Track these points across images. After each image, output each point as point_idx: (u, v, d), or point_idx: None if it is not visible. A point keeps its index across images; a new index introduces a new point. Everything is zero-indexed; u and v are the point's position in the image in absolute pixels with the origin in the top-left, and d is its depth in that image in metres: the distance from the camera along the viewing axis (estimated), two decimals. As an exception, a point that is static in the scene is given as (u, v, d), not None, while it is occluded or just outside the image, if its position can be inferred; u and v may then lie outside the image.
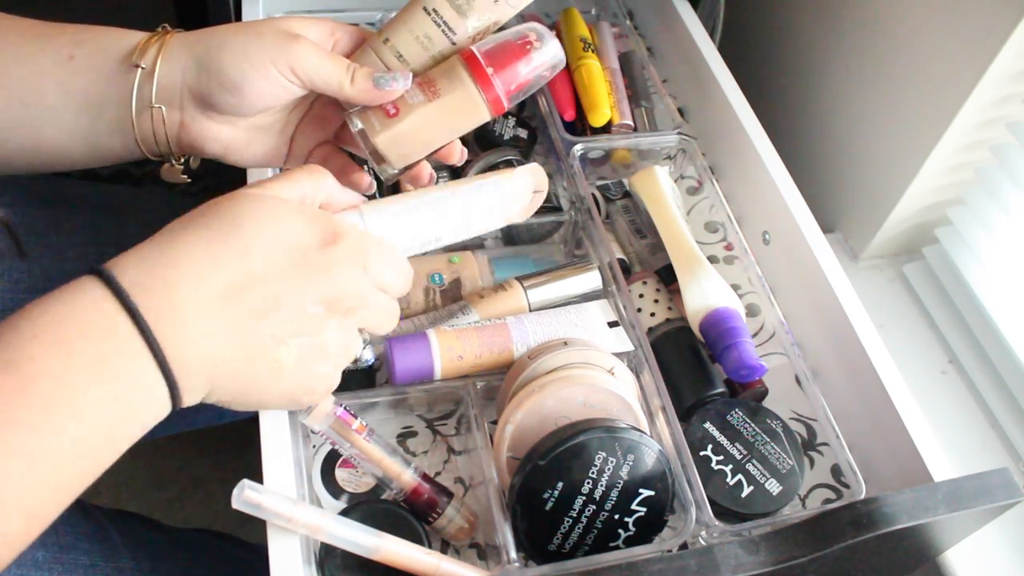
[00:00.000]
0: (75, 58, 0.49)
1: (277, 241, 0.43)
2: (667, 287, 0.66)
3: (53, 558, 0.56)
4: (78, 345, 0.38)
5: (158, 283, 0.40)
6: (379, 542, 0.47)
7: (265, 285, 0.42)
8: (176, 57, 0.50)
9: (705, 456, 0.56)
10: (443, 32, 0.52)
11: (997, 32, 0.62)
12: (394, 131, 0.51)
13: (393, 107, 0.51)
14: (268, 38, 0.49)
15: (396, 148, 0.51)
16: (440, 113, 0.51)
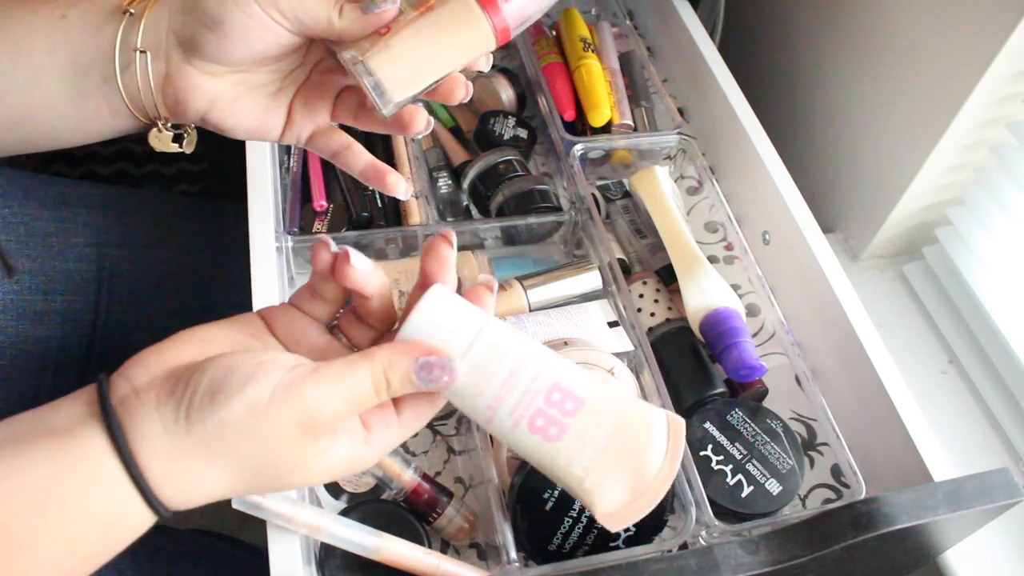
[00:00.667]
0: (67, 17, 0.48)
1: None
2: (667, 287, 0.66)
3: (53, 559, 0.56)
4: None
5: (179, 489, 0.40)
6: (379, 542, 0.47)
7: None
8: (163, 5, 0.48)
9: (705, 456, 0.56)
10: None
11: (997, 32, 0.62)
12: (388, 49, 0.46)
13: (385, 27, 0.47)
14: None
15: (391, 70, 0.47)
16: (435, 28, 0.47)
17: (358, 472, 0.45)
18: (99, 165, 1.24)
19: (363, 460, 0.41)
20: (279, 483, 0.41)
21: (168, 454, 0.38)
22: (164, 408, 0.39)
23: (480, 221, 0.70)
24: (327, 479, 0.42)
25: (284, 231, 0.63)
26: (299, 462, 0.40)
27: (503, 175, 0.70)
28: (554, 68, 0.78)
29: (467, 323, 0.40)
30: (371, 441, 0.41)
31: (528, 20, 0.49)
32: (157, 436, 0.38)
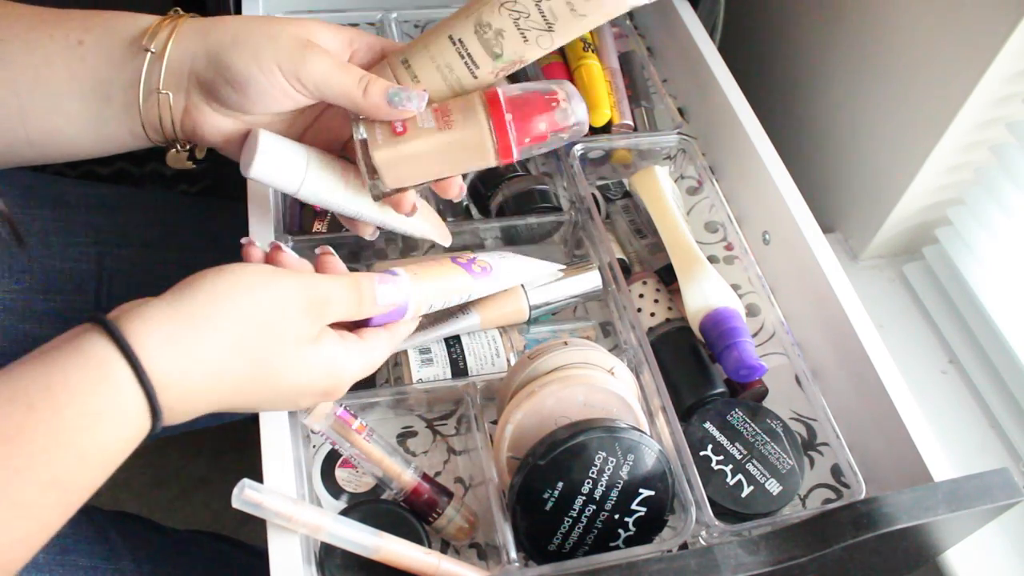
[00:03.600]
0: (84, 43, 0.49)
1: (297, 392, 0.46)
2: (667, 287, 0.66)
3: (54, 560, 0.56)
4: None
5: (175, 377, 0.41)
6: (379, 542, 0.47)
7: (266, 383, 0.45)
8: (187, 43, 0.49)
9: (705, 456, 0.56)
10: (466, 64, 0.50)
11: (997, 32, 0.62)
12: (396, 150, 0.49)
13: (402, 125, 0.49)
14: (282, 43, 0.48)
15: (394, 168, 0.50)
16: (448, 145, 0.49)
17: (343, 383, 0.49)
18: (99, 165, 1.24)
19: (346, 365, 0.48)
20: (270, 376, 0.45)
21: (161, 334, 0.41)
22: (158, 303, 0.42)
23: (480, 221, 0.70)
24: (316, 384, 0.47)
25: (284, 231, 0.63)
26: (295, 345, 0.45)
27: (503, 175, 0.70)
28: (554, 68, 0.78)
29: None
30: (352, 346, 0.48)
31: (539, 148, 0.52)
32: (151, 322, 0.41)
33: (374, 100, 0.48)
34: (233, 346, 0.43)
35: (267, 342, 0.44)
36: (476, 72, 0.50)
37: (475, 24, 0.49)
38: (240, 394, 0.44)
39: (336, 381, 0.48)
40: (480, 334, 0.61)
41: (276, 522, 0.46)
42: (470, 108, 0.49)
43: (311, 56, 0.48)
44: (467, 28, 0.49)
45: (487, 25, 0.49)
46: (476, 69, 0.50)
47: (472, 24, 0.49)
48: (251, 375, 0.44)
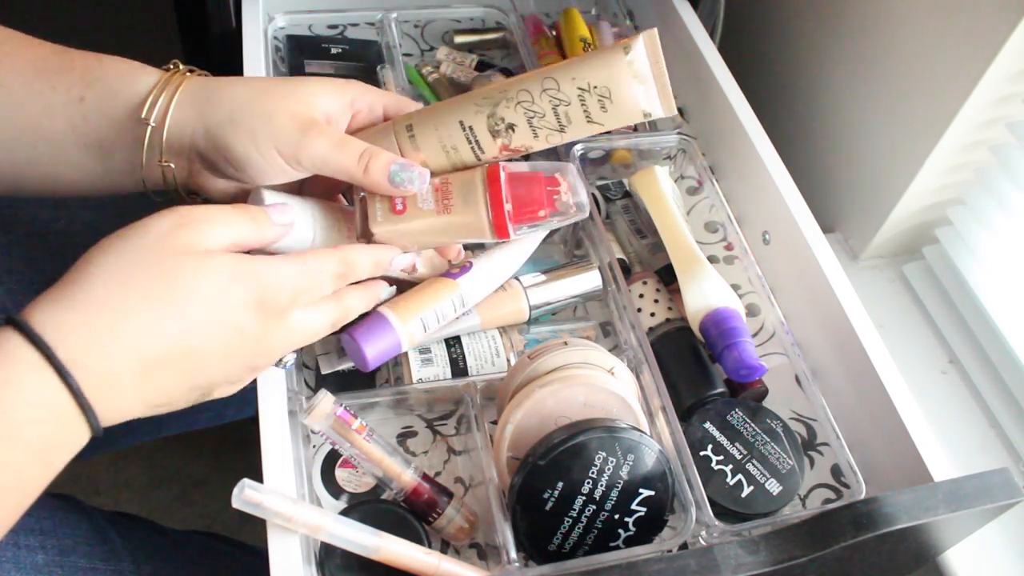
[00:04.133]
0: (85, 100, 0.49)
1: (216, 318, 0.43)
2: (667, 287, 0.66)
3: (53, 561, 0.56)
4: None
5: (92, 357, 0.40)
6: (379, 542, 0.47)
7: (195, 356, 0.43)
8: (186, 116, 0.49)
9: (705, 456, 0.56)
10: (472, 149, 0.51)
11: (997, 32, 0.62)
12: (395, 227, 0.50)
13: (402, 203, 0.50)
14: (279, 124, 0.48)
15: (392, 241, 0.51)
16: (446, 226, 0.50)
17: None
18: (99, 165, 1.24)
19: (267, 270, 0.45)
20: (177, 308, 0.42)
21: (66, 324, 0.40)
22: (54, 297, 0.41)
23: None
24: (236, 310, 0.44)
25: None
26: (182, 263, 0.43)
27: (503, 175, 0.70)
28: (554, 68, 0.78)
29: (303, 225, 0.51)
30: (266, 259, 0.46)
31: (538, 228, 0.53)
32: (61, 306, 0.40)
33: (375, 178, 0.49)
34: (127, 300, 0.42)
35: (156, 280, 0.42)
36: (481, 156, 0.51)
37: (488, 115, 0.50)
38: (168, 363, 0.42)
39: (259, 294, 0.45)
40: (480, 334, 0.61)
41: (276, 522, 0.46)
42: (470, 192, 0.50)
43: (309, 139, 0.48)
44: (480, 118, 0.50)
45: (500, 119, 0.50)
46: (481, 154, 0.51)
47: (485, 115, 0.50)
48: (161, 327, 0.42)
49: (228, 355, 0.44)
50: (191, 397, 0.45)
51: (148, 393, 0.42)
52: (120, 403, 0.42)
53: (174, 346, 0.42)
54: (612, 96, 0.48)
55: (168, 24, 1.04)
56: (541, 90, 0.49)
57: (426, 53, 0.85)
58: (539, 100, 0.49)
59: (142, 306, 0.41)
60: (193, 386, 0.44)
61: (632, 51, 0.48)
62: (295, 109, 0.48)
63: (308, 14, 0.81)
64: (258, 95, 0.49)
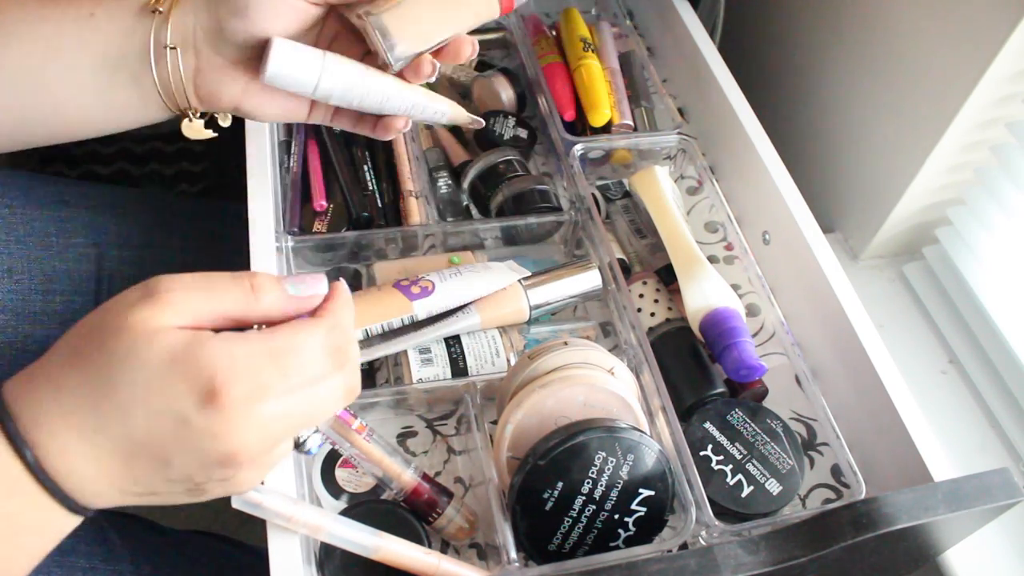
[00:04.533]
0: (95, 15, 0.49)
1: (154, 408, 0.37)
2: (667, 287, 0.66)
3: (52, 561, 0.56)
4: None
5: (53, 445, 0.37)
6: (379, 542, 0.47)
7: (151, 450, 0.38)
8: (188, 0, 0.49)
9: (705, 456, 0.56)
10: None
11: (997, 32, 0.62)
12: (398, 8, 0.49)
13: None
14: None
15: (403, 26, 0.49)
16: (455, 3, 0.50)
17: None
18: (99, 165, 1.24)
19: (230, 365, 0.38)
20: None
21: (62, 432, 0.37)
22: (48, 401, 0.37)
23: (480, 221, 0.70)
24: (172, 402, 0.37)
25: (284, 231, 0.63)
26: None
27: (503, 175, 0.70)
28: (554, 68, 0.78)
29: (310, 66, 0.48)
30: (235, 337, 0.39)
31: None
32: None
33: None
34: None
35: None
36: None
37: None
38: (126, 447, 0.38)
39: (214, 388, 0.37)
40: (480, 334, 0.61)
41: (276, 522, 0.46)
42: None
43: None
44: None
45: None
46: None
47: None
48: (102, 414, 0.37)
49: (187, 450, 0.38)
50: (178, 491, 0.40)
51: (121, 480, 0.39)
52: (90, 484, 0.38)
53: (121, 436, 0.38)
54: None
55: None
56: None
57: (426, 53, 0.85)
58: None
59: (85, 388, 0.38)
60: (170, 480, 0.39)
61: None
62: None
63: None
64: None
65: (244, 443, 0.38)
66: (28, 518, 0.38)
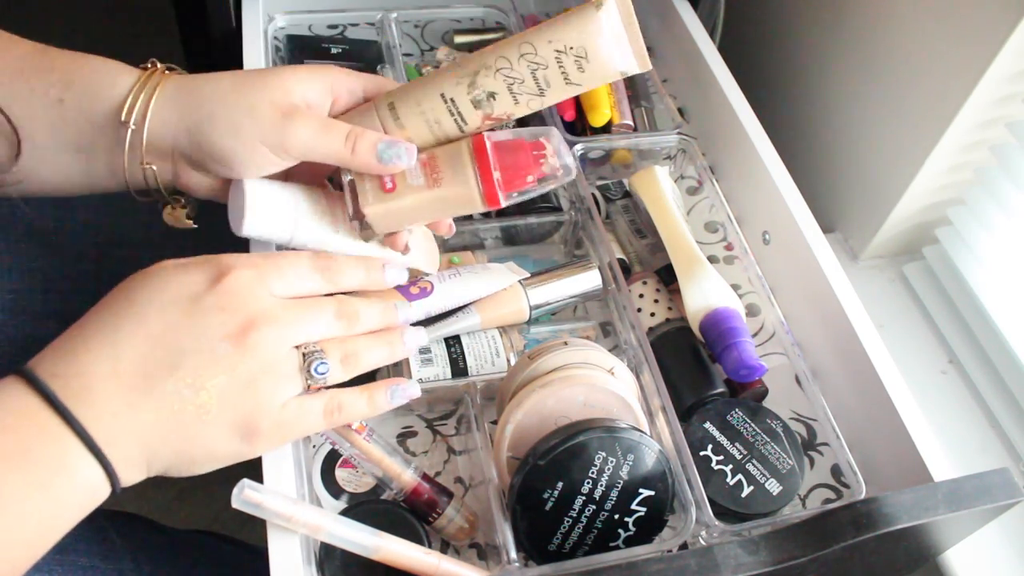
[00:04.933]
0: (64, 102, 0.49)
1: (166, 299, 0.44)
2: (667, 287, 0.66)
3: (52, 559, 0.56)
4: (1, 437, 0.39)
5: (71, 369, 0.42)
6: (379, 542, 0.47)
7: (165, 342, 0.43)
8: (166, 119, 0.49)
9: (705, 456, 0.56)
10: (455, 120, 0.50)
11: (997, 32, 0.62)
12: (387, 206, 0.50)
13: (391, 181, 0.50)
14: (260, 115, 0.48)
15: (384, 220, 0.51)
16: (437, 200, 0.50)
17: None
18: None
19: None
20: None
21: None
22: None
23: (480, 221, 0.70)
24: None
25: (284, 231, 0.63)
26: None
27: (503, 175, 0.70)
28: (554, 68, 0.78)
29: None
30: None
31: (527, 194, 0.53)
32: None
33: (363, 158, 0.49)
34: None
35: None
36: (464, 128, 0.51)
37: (468, 86, 0.49)
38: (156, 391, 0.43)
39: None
40: (480, 334, 0.61)
41: (276, 522, 0.46)
42: (458, 163, 0.50)
43: (294, 126, 0.48)
44: (460, 89, 0.49)
45: (481, 88, 0.49)
46: (464, 125, 0.51)
47: (465, 86, 0.49)
48: (118, 329, 0.43)
49: (197, 335, 0.43)
50: (191, 404, 0.43)
51: (140, 404, 0.42)
52: (114, 419, 0.42)
53: (136, 342, 0.43)
54: (588, 56, 0.49)
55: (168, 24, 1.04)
56: (519, 55, 0.49)
57: (426, 53, 0.85)
58: (517, 66, 0.49)
59: (104, 318, 0.44)
60: (182, 378, 0.43)
61: (603, 8, 0.48)
62: (275, 98, 0.48)
63: (308, 14, 0.81)
64: (237, 88, 0.48)
65: (247, 318, 0.44)
66: (82, 496, 0.41)
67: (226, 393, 0.44)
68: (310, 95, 0.50)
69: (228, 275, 0.45)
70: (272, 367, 0.45)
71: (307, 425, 0.47)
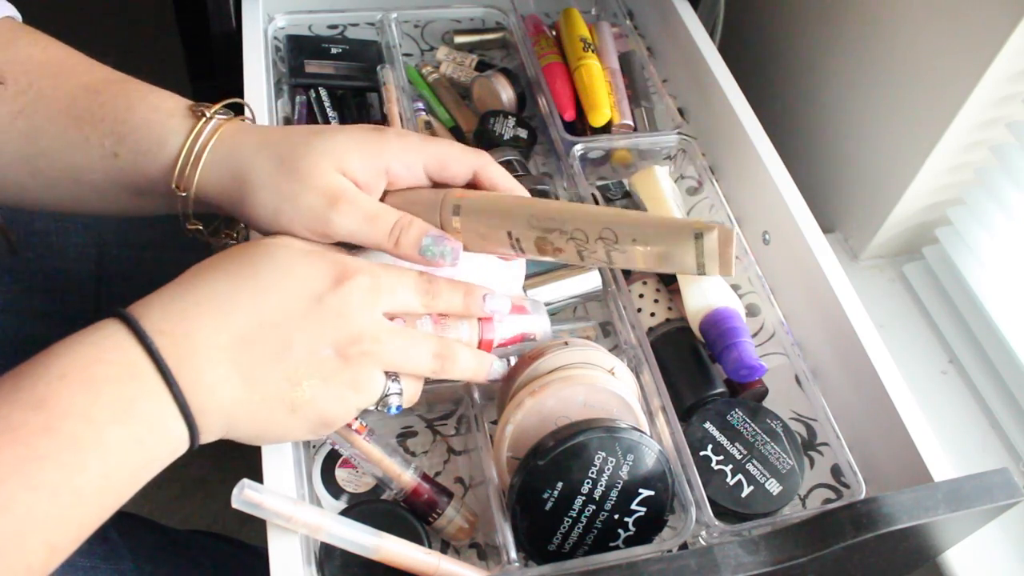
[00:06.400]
0: (119, 156, 0.50)
1: (289, 287, 0.45)
2: (667, 287, 0.66)
3: (53, 558, 0.56)
4: (104, 387, 0.40)
5: (178, 328, 0.42)
6: (379, 542, 0.47)
7: (277, 331, 0.44)
8: (212, 187, 0.49)
9: (705, 456, 0.56)
10: (512, 246, 0.50)
11: (997, 32, 0.62)
12: None
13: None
14: (303, 202, 0.47)
15: None
16: None
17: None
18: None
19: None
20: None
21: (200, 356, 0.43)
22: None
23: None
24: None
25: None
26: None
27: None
28: (554, 68, 0.78)
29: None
30: None
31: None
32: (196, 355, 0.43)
33: (405, 251, 0.49)
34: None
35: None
36: (519, 254, 0.51)
37: (538, 236, 0.49)
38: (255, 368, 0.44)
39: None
40: (480, 334, 0.61)
41: (276, 522, 0.46)
42: (468, 341, 0.52)
43: (337, 215, 0.47)
44: (529, 234, 0.49)
45: (550, 243, 0.49)
46: (521, 253, 0.51)
47: (535, 235, 0.49)
48: (236, 296, 0.44)
49: (311, 329, 0.44)
50: (285, 398, 0.45)
51: (236, 380, 0.43)
52: (209, 390, 0.43)
53: (248, 321, 0.44)
54: (670, 260, 0.47)
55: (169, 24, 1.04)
56: (597, 236, 0.47)
57: (426, 53, 0.85)
58: (592, 243, 0.48)
59: (220, 284, 0.44)
60: (283, 370, 0.44)
61: (704, 240, 0.45)
62: (321, 184, 0.47)
63: (308, 14, 0.81)
64: (281, 170, 0.47)
65: (355, 331, 0.45)
66: (165, 452, 0.42)
67: (317, 396, 0.45)
68: (361, 175, 0.49)
69: (349, 280, 0.45)
70: (360, 385, 0.46)
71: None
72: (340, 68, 0.77)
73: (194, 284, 0.45)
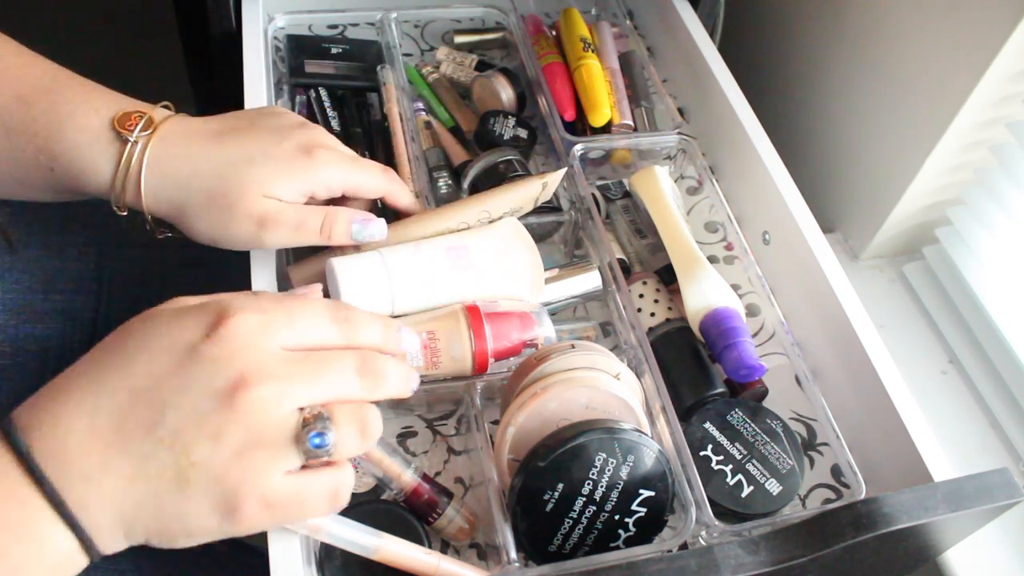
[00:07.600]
0: (54, 171, 0.51)
1: (157, 347, 0.39)
2: (667, 287, 0.66)
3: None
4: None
5: (47, 420, 0.37)
6: (379, 542, 0.47)
7: (147, 396, 0.38)
8: (155, 210, 0.52)
9: (705, 456, 0.56)
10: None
11: (997, 32, 0.62)
12: None
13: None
14: (236, 227, 0.51)
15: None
16: (434, 376, 0.55)
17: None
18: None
19: None
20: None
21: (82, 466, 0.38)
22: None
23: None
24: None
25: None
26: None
27: (503, 175, 0.70)
28: (554, 68, 0.78)
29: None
30: None
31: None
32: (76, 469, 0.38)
33: (340, 242, 0.54)
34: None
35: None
36: None
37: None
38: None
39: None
40: (480, 334, 0.61)
41: (276, 522, 0.46)
42: (457, 348, 0.54)
43: (268, 233, 0.51)
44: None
45: None
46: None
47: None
48: (103, 377, 0.39)
49: (184, 388, 0.38)
50: (171, 469, 0.38)
51: (114, 464, 0.38)
52: (87, 483, 0.37)
53: (117, 389, 0.38)
54: None
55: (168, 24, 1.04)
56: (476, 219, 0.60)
57: (426, 53, 0.85)
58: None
59: (89, 365, 0.40)
60: (160, 438, 0.38)
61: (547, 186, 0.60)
62: (248, 211, 0.51)
63: (308, 14, 0.81)
64: (212, 206, 0.51)
65: (248, 366, 0.38)
66: (53, 567, 0.38)
67: (210, 462, 0.38)
68: (287, 197, 0.52)
69: (228, 321, 0.39)
70: (263, 434, 0.39)
71: (305, 509, 0.41)
72: (340, 68, 0.77)
73: (68, 374, 0.40)
